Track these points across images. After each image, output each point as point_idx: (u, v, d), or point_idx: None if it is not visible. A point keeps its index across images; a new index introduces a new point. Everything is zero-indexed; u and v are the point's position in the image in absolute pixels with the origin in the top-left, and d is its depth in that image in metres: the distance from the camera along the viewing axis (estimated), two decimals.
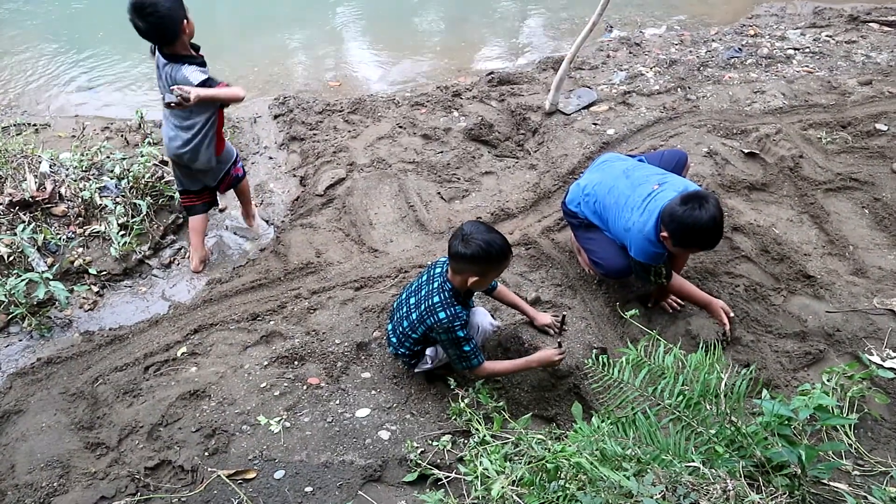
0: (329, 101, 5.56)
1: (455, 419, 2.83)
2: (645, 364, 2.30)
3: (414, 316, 2.86)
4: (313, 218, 4.28)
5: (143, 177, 4.25)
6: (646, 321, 3.33)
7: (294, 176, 4.78)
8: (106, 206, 4.09)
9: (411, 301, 2.91)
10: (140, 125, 5.02)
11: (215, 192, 3.97)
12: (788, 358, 3.16)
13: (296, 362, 3.21)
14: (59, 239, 3.88)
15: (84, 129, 5.09)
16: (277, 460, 2.69)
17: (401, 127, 5.08)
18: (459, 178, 4.59)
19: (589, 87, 5.35)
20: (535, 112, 5.09)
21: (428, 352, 2.97)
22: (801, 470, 1.97)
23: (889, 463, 2.49)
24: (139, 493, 2.63)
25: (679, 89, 5.31)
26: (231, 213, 4.45)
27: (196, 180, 3.80)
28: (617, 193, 3.24)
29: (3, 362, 3.39)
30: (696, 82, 5.42)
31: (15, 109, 5.62)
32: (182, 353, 3.33)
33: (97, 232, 4.00)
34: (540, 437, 2.47)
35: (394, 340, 3.00)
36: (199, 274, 3.98)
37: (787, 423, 1.99)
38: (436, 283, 2.82)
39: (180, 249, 4.17)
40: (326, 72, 6.43)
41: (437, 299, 2.77)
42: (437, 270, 2.88)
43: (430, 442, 2.77)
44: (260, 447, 2.76)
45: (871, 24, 6.41)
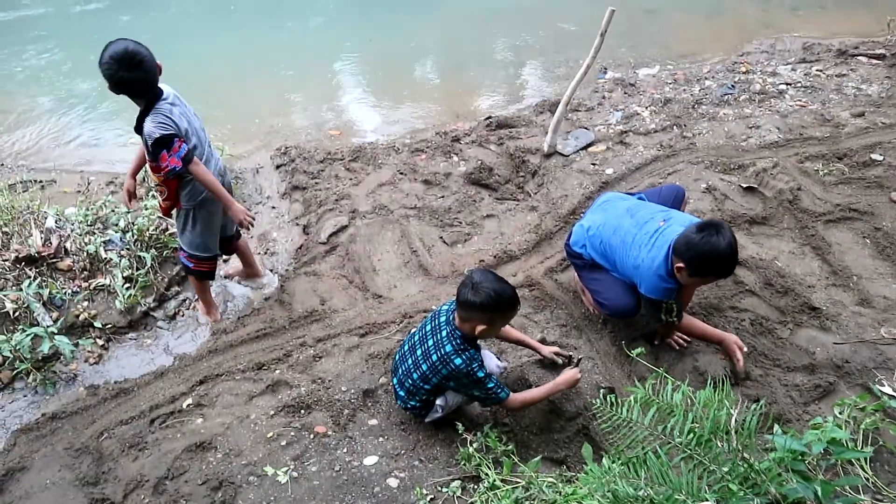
0: (330, 149, 5.64)
1: (464, 464, 2.80)
2: (653, 402, 2.28)
3: (425, 367, 2.83)
4: (317, 266, 4.30)
5: (148, 229, 4.29)
6: (652, 359, 3.31)
7: (297, 224, 4.82)
8: (111, 259, 4.12)
9: (418, 352, 2.88)
10: (144, 179, 5.08)
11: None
12: (798, 391, 3.13)
13: (302, 411, 3.19)
14: (65, 293, 3.90)
15: (89, 184, 5.16)
16: None
17: (401, 173, 5.14)
18: (461, 222, 4.62)
19: (586, 128, 5.43)
20: (534, 154, 5.15)
21: (438, 401, 2.94)
22: None
23: None
24: None
25: (675, 127, 5.38)
26: (232, 263, 4.47)
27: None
28: (623, 233, 3.25)
29: (8, 419, 3.37)
30: (691, 120, 5.50)
31: (22, 166, 5.70)
32: (188, 405, 3.31)
33: (102, 285, 4.01)
34: (550, 480, 2.44)
35: (402, 394, 2.98)
36: (204, 324, 3.98)
37: (800, 458, 1.96)
38: (444, 332, 2.80)
39: (185, 301, 4.18)
40: (327, 121, 6.54)
41: (449, 348, 2.75)
42: (441, 319, 2.86)
43: (439, 488, 2.73)
44: (267, 498, 2.72)
45: (859, 58, 6.53)
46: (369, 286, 4.10)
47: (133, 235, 4.25)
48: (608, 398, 2.42)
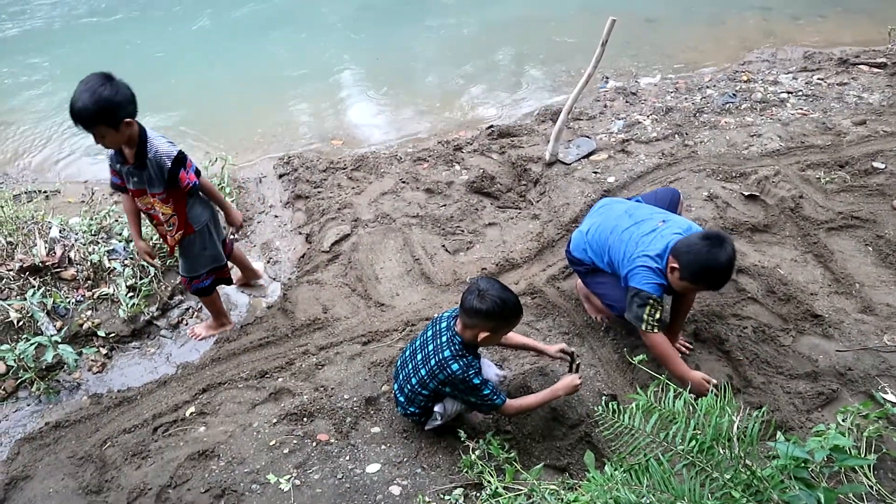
0: (332, 158, 5.66)
1: (467, 472, 2.80)
2: (655, 409, 2.28)
3: (423, 372, 2.84)
4: (319, 274, 4.31)
5: (151, 238, 4.31)
6: (654, 366, 3.29)
7: (300, 233, 4.84)
8: (114, 268, 4.13)
9: (418, 357, 2.90)
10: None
11: None
12: (801, 399, 3.13)
13: (305, 419, 3.19)
14: (69, 302, 3.92)
15: (93, 193, 5.19)
16: None
17: (404, 182, 5.16)
18: (463, 231, 4.64)
19: (588, 137, 5.45)
20: (536, 163, 5.17)
21: (436, 409, 2.94)
22: None
23: None
24: None
25: (676, 135, 5.40)
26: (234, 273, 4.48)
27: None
28: (621, 232, 3.26)
29: (11, 428, 3.38)
30: (692, 128, 5.51)
31: (26, 177, 5.74)
32: (191, 413, 3.31)
33: (106, 294, 4.03)
34: (553, 487, 2.44)
35: (402, 400, 2.98)
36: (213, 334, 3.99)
37: (803, 465, 1.96)
38: (444, 338, 2.82)
39: (188, 309, 4.19)
40: (329, 130, 6.56)
41: (447, 353, 2.76)
42: (442, 325, 2.88)
43: (441, 496, 2.73)
44: None
45: (860, 67, 6.55)
46: (372, 294, 4.11)
47: None
48: (610, 405, 2.42)
